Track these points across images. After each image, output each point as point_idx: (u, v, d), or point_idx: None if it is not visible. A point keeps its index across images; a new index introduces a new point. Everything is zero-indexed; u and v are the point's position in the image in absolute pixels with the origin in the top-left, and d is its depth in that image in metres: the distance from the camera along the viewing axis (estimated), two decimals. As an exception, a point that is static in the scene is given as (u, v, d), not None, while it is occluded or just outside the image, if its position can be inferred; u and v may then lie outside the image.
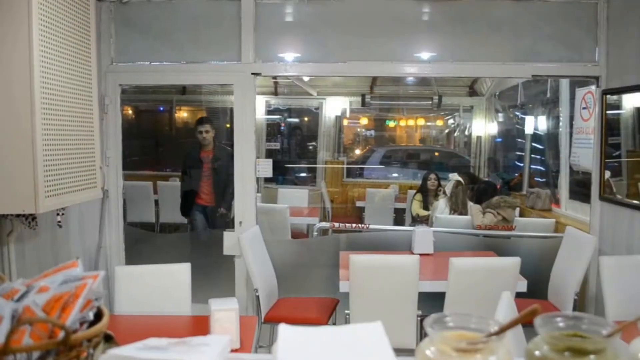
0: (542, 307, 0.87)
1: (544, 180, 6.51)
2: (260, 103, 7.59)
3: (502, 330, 0.86)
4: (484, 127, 7.80)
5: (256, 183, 4.10)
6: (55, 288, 0.95)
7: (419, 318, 3.12)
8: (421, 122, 9.02)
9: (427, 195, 5.99)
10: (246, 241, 3.55)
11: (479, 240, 4.48)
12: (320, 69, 4.10)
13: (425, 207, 5.96)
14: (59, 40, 2.69)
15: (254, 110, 3.99)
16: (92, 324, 0.95)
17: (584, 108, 4.25)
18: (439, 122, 9.19)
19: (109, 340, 1.04)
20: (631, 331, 0.98)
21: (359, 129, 9.12)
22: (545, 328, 0.88)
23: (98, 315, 0.97)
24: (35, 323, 0.86)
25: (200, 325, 2.47)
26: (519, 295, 3.13)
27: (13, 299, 0.94)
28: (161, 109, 8.74)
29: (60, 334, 0.85)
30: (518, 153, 7.36)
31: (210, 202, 5.50)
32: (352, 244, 4.25)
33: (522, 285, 3.26)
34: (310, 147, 8.53)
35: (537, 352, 0.87)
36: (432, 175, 6.00)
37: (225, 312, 2.11)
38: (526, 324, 0.94)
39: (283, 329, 0.99)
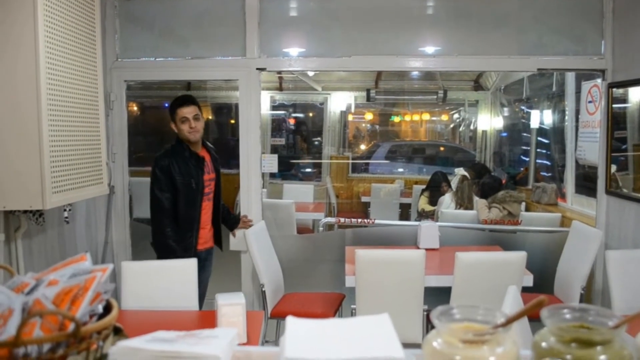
0: (549, 301, 0.87)
1: (549, 174, 6.49)
2: (265, 98, 7.60)
3: (509, 321, 0.86)
4: (489, 122, 7.77)
5: (262, 178, 4.11)
6: (64, 281, 0.96)
7: (425, 313, 3.12)
8: (426, 116, 9.00)
9: (436, 193, 5.96)
10: (252, 236, 3.56)
11: (484, 234, 4.47)
12: (325, 63, 4.09)
13: (433, 203, 5.94)
14: (64, 37, 2.70)
15: (259, 106, 3.99)
16: (101, 316, 0.96)
17: (589, 101, 4.23)
18: (444, 117, 9.18)
19: (118, 332, 1.06)
20: (637, 324, 0.98)
21: (364, 124, 9.12)
22: (551, 320, 0.88)
23: (107, 309, 0.98)
24: (45, 315, 0.87)
25: (207, 320, 2.49)
26: (525, 289, 3.12)
27: (23, 292, 0.95)
28: (166, 105, 8.75)
29: (71, 326, 0.86)
30: (524, 147, 7.34)
31: (210, 242, 3.50)
32: (358, 239, 4.24)
33: (528, 280, 3.26)
34: (316, 143, 8.53)
35: (543, 344, 0.87)
36: (444, 184, 5.93)
37: (231, 307, 2.12)
38: (532, 316, 0.94)
39: (291, 321, 1.00)
